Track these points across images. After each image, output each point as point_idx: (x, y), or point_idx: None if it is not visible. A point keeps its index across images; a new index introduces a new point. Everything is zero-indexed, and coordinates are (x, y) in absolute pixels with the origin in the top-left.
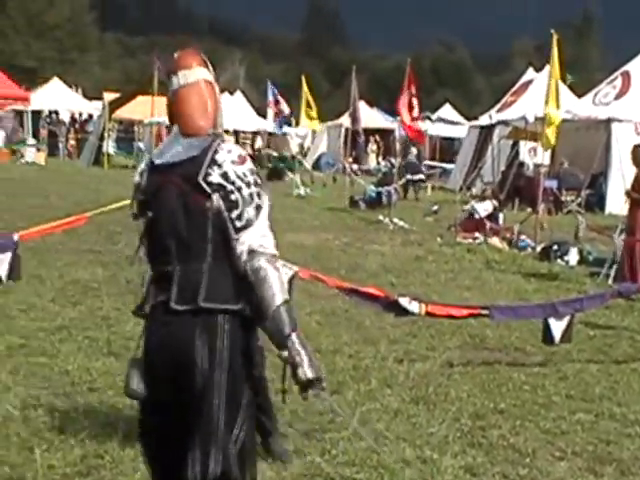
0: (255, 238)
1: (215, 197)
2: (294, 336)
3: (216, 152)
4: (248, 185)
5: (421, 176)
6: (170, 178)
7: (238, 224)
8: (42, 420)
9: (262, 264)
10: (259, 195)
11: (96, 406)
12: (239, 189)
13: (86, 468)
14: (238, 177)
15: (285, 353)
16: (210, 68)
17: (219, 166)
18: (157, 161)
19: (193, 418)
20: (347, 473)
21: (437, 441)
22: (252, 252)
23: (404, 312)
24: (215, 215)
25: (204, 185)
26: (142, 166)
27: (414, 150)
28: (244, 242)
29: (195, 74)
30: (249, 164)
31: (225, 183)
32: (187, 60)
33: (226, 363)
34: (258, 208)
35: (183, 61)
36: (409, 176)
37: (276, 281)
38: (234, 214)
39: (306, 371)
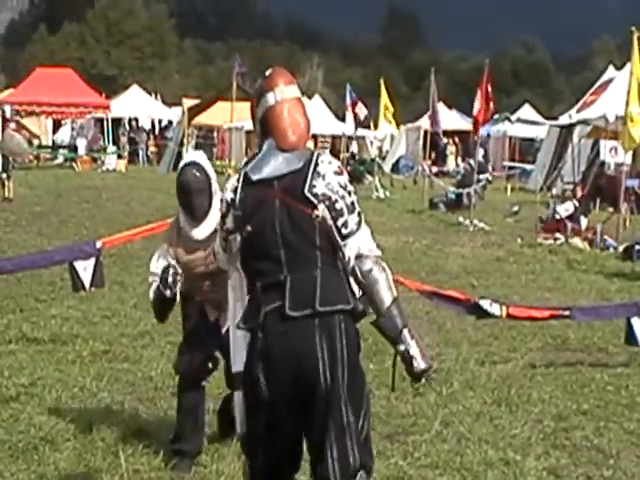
0: (361, 243)
1: (321, 207)
2: (406, 331)
3: (317, 164)
4: (350, 194)
5: (487, 176)
6: (272, 192)
7: (344, 231)
8: (126, 425)
9: (371, 266)
10: (358, 202)
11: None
12: (343, 198)
13: (170, 474)
14: (341, 187)
15: (402, 347)
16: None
17: (323, 177)
18: (255, 177)
19: (322, 418)
20: (430, 476)
21: (520, 443)
22: (360, 256)
23: (485, 314)
24: (321, 224)
25: (311, 196)
26: (233, 182)
27: (481, 150)
28: (352, 248)
29: (290, 91)
30: (346, 174)
31: (330, 193)
32: (281, 77)
33: (346, 359)
34: (359, 215)
35: (278, 78)
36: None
37: (385, 281)
38: (340, 222)
39: (420, 362)
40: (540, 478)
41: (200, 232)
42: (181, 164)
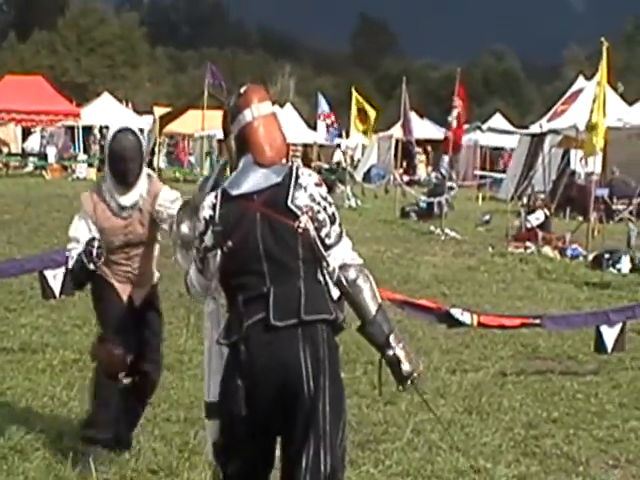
0: (345, 253)
1: (304, 218)
2: (392, 336)
3: (298, 177)
4: (330, 205)
5: (452, 184)
6: (253, 206)
7: (327, 242)
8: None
9: (356, 275)
10: (338, 213)
11: (150, 420)
12: (324, 209)
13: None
14: (322, 198)
15: (390, 352)
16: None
17: (304, 189)
18: (234, 192)
19: (302, 428)
20: None
21: (490, 451)
22: (344, 266)
23: (457, 323)
24: (304, 235)
25: (294, 208)
26: (211, 200)
27: (446, 158)
28: (335, 258)
29: (265, 107)
30: (324, 186)
31: (312, 204)
32: (256, 94)
33: (328, 369)
34: (340, 225)
35: (253, 95)
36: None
37: (370, 289)
38: (323, 233)
39: (406, 365)
40: None
41: (128, 198)
42: (113, 130)
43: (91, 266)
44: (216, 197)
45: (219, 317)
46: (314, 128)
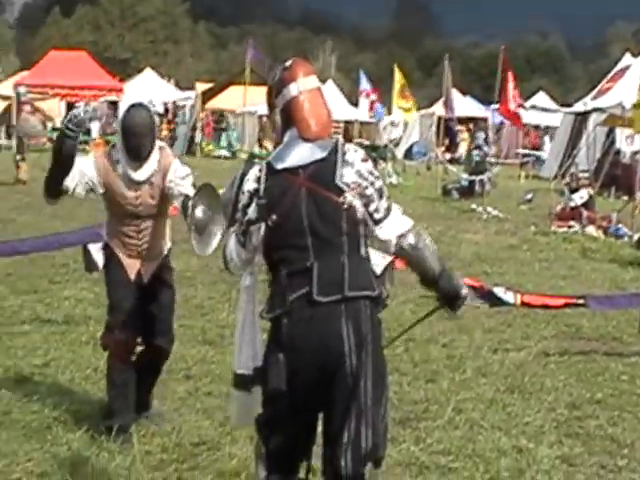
0: (397, 223)
1: (349, 195)
2: (462, 282)
3: (344, 153)
4: (377, 179)
5: (490, 160)
6: (298, 180)
7: (377, 216)
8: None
9: (415, 240)
10: (385, 186)
11: (192, 394)
12: (372, 184)
13: (182, 455)
14: (369, 173)
15: (464, 291)
16: None
17: (352, 166)
18: (279, 166)
19: (344, 403)
20: (442, 462)
21: (533, 431)
22: (401, 235)
23: (499, 302)
24: (348, 211)
25: (341, 185)
26: (255, 173)
27: (481, 134)
28: (388, 230)
29: (312, 81)
30: (370, 162)
31: (360, 180)
32: (302, 68)
33: (370, 346)
34: (388, 198)
35: (298, 69)
36: (477, 158)
37: (430, 248)
38: (371, 208)
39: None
40: (553, 466)
41: (141, 173)
42: (126, 106)
43: (71, 134)
44: (260, 170)
45: (255, 292)
46: (355, 105)
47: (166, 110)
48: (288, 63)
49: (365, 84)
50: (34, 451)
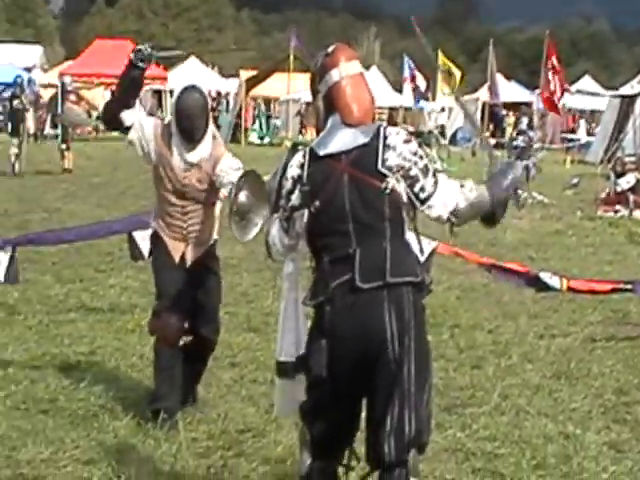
0: (446, 198)
1: (392, 179)
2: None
3: (386, 137)
4: (421, 158)
5: (535, 145)
6: (340, 166)
7: (422, 195)
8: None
9: (464, 204)
10: (430, 164)
11: (237, 381)
12: (415, 164)
13: (228, 442)
14: (412, 154)
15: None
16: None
17: (394, 149)
18: (322, 152)
19: (387, 389)
20: (488, 448)
21: (580, 417)
22: (453, 210)
23: (545, 287)
24: (391, 196)
25: (384, 170)
26: (299, 159)
27: (525, 119)
28: (438, 205)
29: (353, 67)
30: (414, 141)
31: (403, 162)
32: (344, 53)
33: (413, 331)
34: (435, 175)
35: (340, 54)
36: (519, 143)
37: (481, 196)
38: (417, 188)
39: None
40: (601, 453)
41: (193, 155)
42: (179, 89)
43: (141, 65)
44: (304, 156)
45: (298, 278)
46: (399, 91)
47: (210, 98)
48: (330, 49)
49: (409, 70)
50: (80, 438)
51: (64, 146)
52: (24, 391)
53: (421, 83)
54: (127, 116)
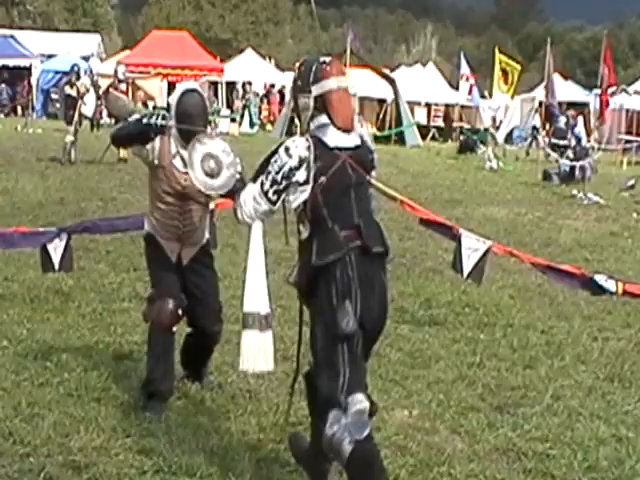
0: None
1: (374, 173)
2: None
3: (366, 142)
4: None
5: (566, 142)
6: (342, 156)
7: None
8: (237, 387)
9: None
10: None
11: (289, 374)
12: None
13: (279, 435)
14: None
15: None
16: None
17: (373, 152)
18: (328, 143)
19: (373, 343)
20: (540, 449)
21: (633, 420)
22: None
23: (601, 290)
24: (369, 182)
25: (374, 166)
26: (303, 143)
27: (563, 118)
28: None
29: (347, 81)
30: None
31: (375, 160)
32: (341, 68)
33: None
34: None
35: (339, 68)
36: (554, 140)
37: None
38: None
39: None
40: None
41: None
42: (179, 91)
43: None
44: (307, 140)
45: (264, 237)
46: (456, 88)
47: (266, 91)
48: (328, 59)
49: (465, 68)
50: (132, 427)
51: None
52: (77, 379)
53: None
54: None
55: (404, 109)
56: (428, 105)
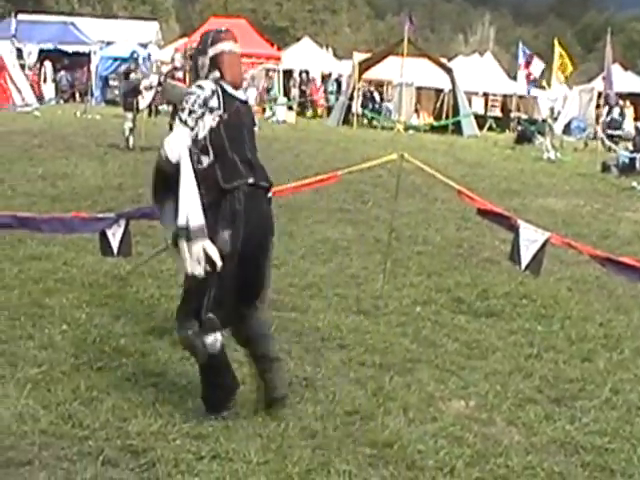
0: None
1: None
2: None
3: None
4: None
5: (620, 132)
6: (239, 104)
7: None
8: (294, 374)
9: None
10: None
11: (346, 363)
12: None
13: (335, 424)
14: None
15: None
16: None
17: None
18: (228, 90)
19: (264, 264)
20: (598, 442)
21: None
22: None
23: None
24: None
25: (254, 123)
26: (211, 84)
27: (617, 109)
28: None
29: (237, 47)
30: None
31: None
32: (233, 36)
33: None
34: None
35: (231, 35)
36: (609, 131)
37: None
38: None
39: None
40: None
41: None
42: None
43: None
44: (214, 83)
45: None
46: (514, 78)
47: (323, 79)
48: (223, 29)
49: (524, 57)
50: (189, 413)
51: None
52: (135, 364)
53: (536, 70)
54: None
55: (461, 99)
56: (485, 95)
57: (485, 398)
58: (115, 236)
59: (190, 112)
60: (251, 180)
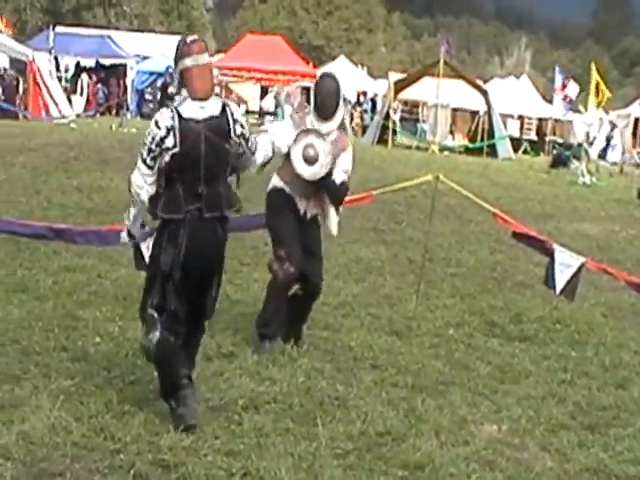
0: (268, 144)
1: (234, 141)
2: None
3: (232, 113)
4: (247, 121)
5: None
6: (198, 127)
7: (252, 147)
8: (326, 393)
9: (265, 148)
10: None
11: (378, 383)
12: (247, 128)
13: (366, 444)
14: (245, 122)
15: None
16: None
17: (239, 123)
18: (185, 114)
19: (207, 296)
20: (632, 471)
21: None
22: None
23: None
24: (231, 152)
25: (234, 137)
26: (168, 114)
27: None
28: (261, 151)
29: (205, 58)
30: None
31: (243, 130)
32: (200, 47)
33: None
34: (252, 133)
35: (198, 47)
36: None
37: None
38: (250, 143)
39: None
40: None
41: (325, 127)
42: (321, 72)
43: None
44: (172, 111)
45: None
46: (550, 102)
47: (358, 98)
48: (191, 38)
49: (560, 80)
50: (221, 429)
51: None
52: None
53: (572, 92)
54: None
55: (497, 121)
56: (521, 118)
57: (518, 423)
58: (149, 249)
59: (149, 151)
60: (194, 211)
